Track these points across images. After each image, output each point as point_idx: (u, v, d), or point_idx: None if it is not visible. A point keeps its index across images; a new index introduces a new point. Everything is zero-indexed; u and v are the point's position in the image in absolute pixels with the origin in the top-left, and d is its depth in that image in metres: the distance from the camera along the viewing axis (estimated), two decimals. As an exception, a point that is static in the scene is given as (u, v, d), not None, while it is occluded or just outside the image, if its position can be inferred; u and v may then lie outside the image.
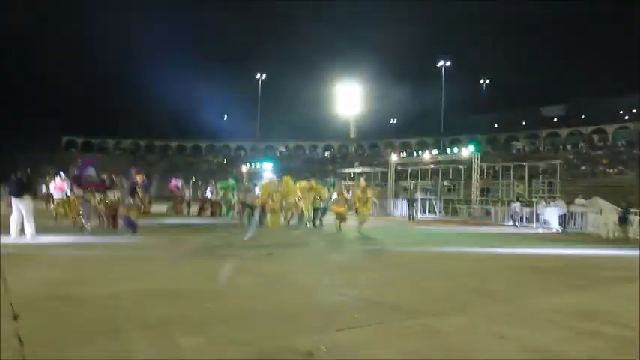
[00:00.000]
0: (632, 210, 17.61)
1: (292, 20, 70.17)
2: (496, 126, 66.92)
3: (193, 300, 5.72)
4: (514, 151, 57.24)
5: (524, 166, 28.89)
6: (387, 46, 66.44)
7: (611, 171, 45.74)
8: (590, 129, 57.82)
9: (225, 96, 67.80)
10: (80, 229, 12.99)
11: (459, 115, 68.19)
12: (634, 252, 13.99)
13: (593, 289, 7.68)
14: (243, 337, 4.21)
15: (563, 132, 59.58)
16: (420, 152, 35.38)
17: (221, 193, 23.36)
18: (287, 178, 18.81)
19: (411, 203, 28.23)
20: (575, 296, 6.95)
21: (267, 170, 36.76)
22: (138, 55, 67.03)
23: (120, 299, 5.56)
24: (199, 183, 26.15)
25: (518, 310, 5.93)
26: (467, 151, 29.55)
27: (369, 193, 17.80)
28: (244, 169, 47.01)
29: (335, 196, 18.18)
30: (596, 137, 56.89)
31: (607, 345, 4.42)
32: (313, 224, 18.10)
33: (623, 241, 16.67)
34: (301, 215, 18.65)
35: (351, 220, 17.75)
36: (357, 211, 17.60)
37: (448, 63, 66.02)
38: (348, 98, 71.02)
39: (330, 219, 18.18)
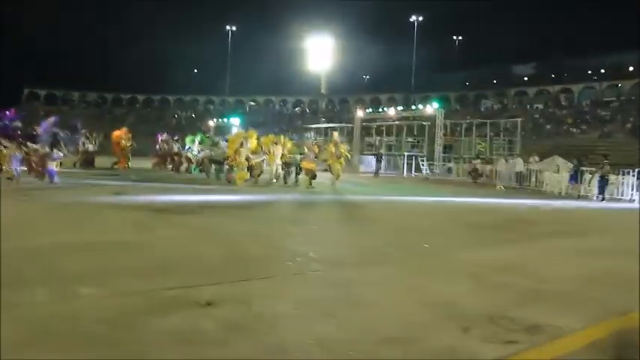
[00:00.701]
0: (583, 168, 18.02)
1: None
2: (467, 84, 66.81)
3: (111, 252, 5.63)
4: (482, 109, 57.48)
5: (486, 124, 29.12)
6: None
7: (574, 130, 46.41)
8: (557, 88, 58.23)
9: (195, 48, 66.05)
10: (7, 179, 12.72)
11: (432, 72, 67.74)
12: (578, 203, 14.94)
13: (525, 243, 7.87)
14: (145, 287, 4.17)
15: (532, 91, 59.91)
16: (386, 108, 35.35)
17: (187, 147, 22.88)
18: (252, 132, 18.30)
19: (377, 159, 28.45)
20: (505, 250, 7.10)
21: (234, 125, 36.35)
22: (105, 3, 64.29)
23: (39, 252, 5.42)
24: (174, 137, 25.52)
25: (443, 264, 6.03)
26: (431, 108, 29.60)
27: (342, 149, 17.53)
28: (212, 123, 46.39)
29: (306, 151, 17.70)
30: (562, 96, 57.33)
31: (509, 296, 4.51)
32: (284, 181, 17.58)
33: (574, 198, 17.27)
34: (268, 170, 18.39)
35: (323, 177, 17.64)
36: (329, 167, 17.37)
37: (421, 18, 64.88)
38: (320, 53, 69.72)
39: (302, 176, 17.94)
